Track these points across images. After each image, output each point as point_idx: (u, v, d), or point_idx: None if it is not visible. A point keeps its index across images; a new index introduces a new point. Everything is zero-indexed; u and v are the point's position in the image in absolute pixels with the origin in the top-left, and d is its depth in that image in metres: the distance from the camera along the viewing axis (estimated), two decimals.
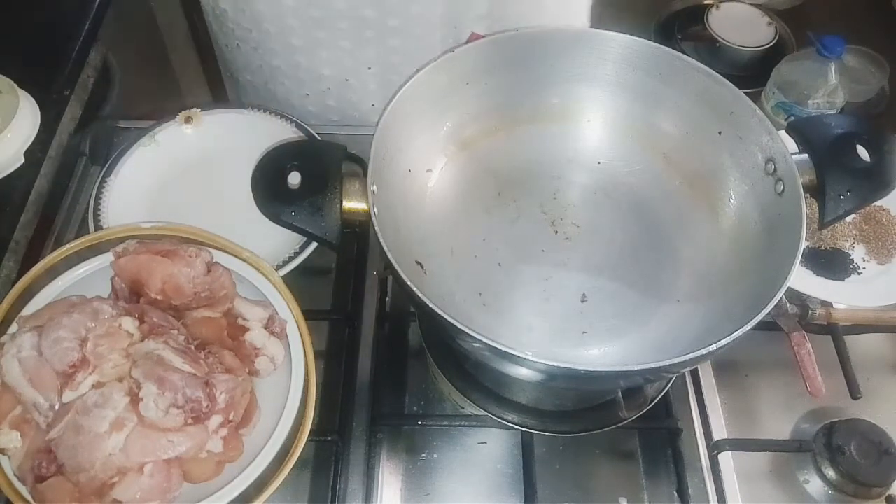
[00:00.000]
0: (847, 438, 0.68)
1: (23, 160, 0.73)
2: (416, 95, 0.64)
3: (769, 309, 0.52)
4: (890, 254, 0.83)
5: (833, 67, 1.07)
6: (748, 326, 0.51)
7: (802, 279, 0.78)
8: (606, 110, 0.72)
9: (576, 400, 0.69)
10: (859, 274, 0.81)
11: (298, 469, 0.60)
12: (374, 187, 0.57)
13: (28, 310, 0.62)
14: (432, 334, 0.72)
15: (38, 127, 0.75)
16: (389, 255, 0.54)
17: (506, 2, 0.83)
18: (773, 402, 0.75)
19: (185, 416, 0.55)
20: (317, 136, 0.84)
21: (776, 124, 0.68)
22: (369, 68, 0.89)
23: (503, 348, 0.49)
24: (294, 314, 0.65)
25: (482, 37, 0.85)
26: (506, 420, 0.67)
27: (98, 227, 0.75)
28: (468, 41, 0.86)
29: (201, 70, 1.53)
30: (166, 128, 0.83)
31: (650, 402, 0.68)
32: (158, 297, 0.62)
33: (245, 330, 0.63)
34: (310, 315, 0.66)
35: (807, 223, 0.56)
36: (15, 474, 0.56)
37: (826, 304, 0.75)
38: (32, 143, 0.75)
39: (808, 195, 0.59)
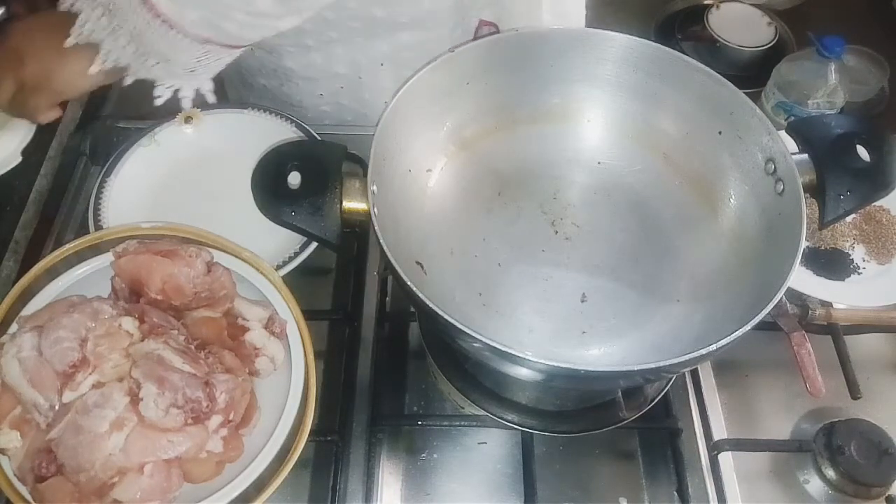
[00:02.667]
0: (847, 438, 0.68)
1: (20, 159, 0.73)
2: (416, 95, 0.64)
3: (769, 309, 0.52)
4: (890, 254, 0.83)
5: (833, 67, 1.07)
6: (748, 326, 0.51)
7: (802, 279, 0.78)
8: (606, 110, 0.72)
9: (576, 400, 0.69)
10: (859, 274, 0.81)
11: (298, 469, 0.60)
12: (374, 187, 0.57)
13: (28, 310, 0.62)
14: (432, 334, 0.72)
15: (35, 125, 0.75)
16: (389, 255, 0.54)
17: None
18: (773, 402, 0.75)
19: (185, 416, 0.55)
20: (317, 136, 0.84)
21: (776, 124, 0.68)
22: (381, 64, 0.89)
23: (503, 348, 0.49)
24: (294, 314, 0.65)
25: (491, 23, 0.86)
26: (506, 420, 0.67)
27: (98, 227, 0.75)
28: (477, 28, 0.87)
29: None
30: (166, 128, 0.83)
31: (650, 402, 0.68)
32: (158, 297, 0.62)
33: (245, 330, 0.63)
34: (310, 315, 0.66)
35: (807, 223, 0.56)
36: (15, 474, 0.56)
37: (826, 304, 0.75)
38: (30, 143, 0.75)
39: (808, 195, 0.59)
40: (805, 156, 0.61)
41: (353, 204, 0.57)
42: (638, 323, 0.64)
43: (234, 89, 1.05)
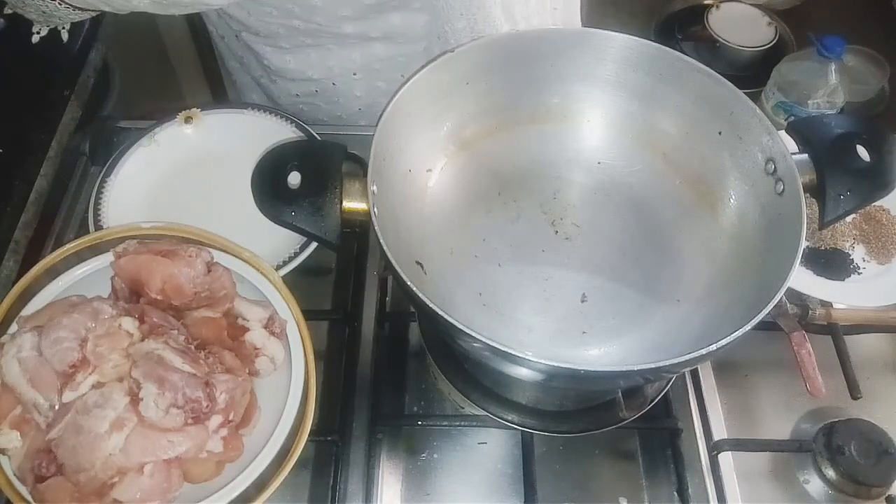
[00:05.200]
0: (847, 438, 0.68)
1: None
2: (416, 95, 0.64)
3: (769, 309, 0.52)
4: (890, 254, 0.83)
5: (833, 67, 1.07)
6: (748, 326, 0.51)
7: (802, 279, 0.78)
8: (606, 110, 0.72)
9: (576, 400, 0.69)
10: (859, 274, 0.81)
11: (298, 469, 0.60)
12: (374, 187, 0.57)
13: (28, 310, 0.62)
14: (432, 334, 0.72)
15: None
16: (389, 255, 0.54)
17: (482, 19, 0.83)
18: (773, 402, 0.75)
19: (185, 416, 0.55)
20: (317, 136, 0.84)
21: (776, 124, 0.68)
22: (354, 74, 0.90)
23: (503, 348, 0.49)
24: (294, 314, 0.65)
25: None
26: (506, 420, 0.67)
27: (98, 227, 0.75)
28: None
29: (201, 70, 1.53)
30: (166, 128, 0.83)
31: (650, 402, 0.68)
32: (158, 297, 0.62)
33: (245, 330, 0.63)
34: (310, 315, 0.66)
35: (807, 223, 0.56)
36: (15, 474, 0.56)
37: (826, 304, 0.75)
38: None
39: (808, 195, 0.59)
40: (805, 156, 0.61)
41: (353, 204, 0.57)
42: (638, 323, 0.64)
43: (232, 87, 1.06)
